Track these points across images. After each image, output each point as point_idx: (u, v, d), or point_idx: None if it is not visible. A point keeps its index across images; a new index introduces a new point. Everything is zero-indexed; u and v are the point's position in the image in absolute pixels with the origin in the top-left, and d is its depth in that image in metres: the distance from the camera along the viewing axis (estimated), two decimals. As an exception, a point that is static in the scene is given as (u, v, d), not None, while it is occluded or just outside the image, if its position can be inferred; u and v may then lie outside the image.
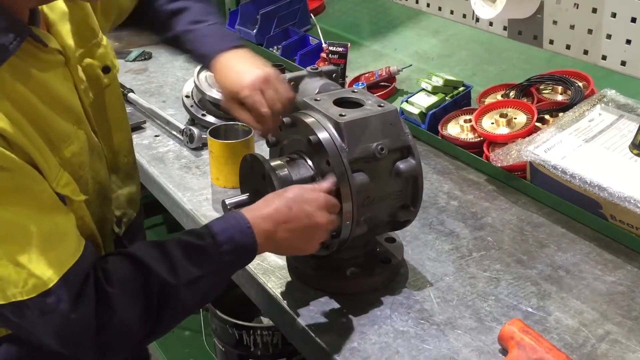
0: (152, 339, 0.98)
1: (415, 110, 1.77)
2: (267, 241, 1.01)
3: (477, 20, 2.06)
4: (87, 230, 1.03)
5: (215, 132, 1.58)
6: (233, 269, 1.02)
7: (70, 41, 1.04)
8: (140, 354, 1.37)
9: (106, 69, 1.15)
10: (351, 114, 1.11)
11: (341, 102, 1.17)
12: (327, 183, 1.08)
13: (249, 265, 1.25)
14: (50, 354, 0.92)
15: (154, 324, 0.92)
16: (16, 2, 0.89)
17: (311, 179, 1.12)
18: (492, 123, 1.63)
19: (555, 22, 1.82)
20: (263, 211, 1.02)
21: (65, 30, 1.04)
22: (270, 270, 1.27)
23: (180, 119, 1.87)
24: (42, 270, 0.84)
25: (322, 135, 1.09)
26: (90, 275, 0.88)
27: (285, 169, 1.12)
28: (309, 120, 1.12)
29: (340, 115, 1.10)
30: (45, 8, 1.01)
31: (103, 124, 1.15)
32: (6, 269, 0.83)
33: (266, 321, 2.05)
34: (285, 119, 1.15)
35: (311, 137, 1.09)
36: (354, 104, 1.16)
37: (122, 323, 0.89)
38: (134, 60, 2.39)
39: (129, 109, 1.93)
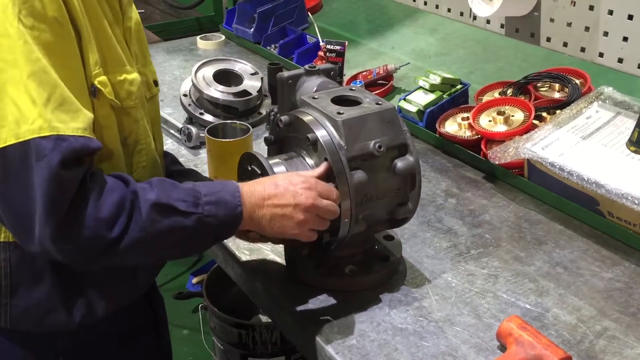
0: (115, 255, 0.95)
1: (413, 108, 1.78)
2: (251, 211, 1.03)
3: (475, 18, 2.06)
4: (116, 149, 1.06)
5: (213, 131, 1.58)
6: (212, 222, 1.00)
7: (131, 15, 1.12)
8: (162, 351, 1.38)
9: (155, 83, 1.24)
10: (349, 112, 1.11)
11: (339, 100, 1.17)
12: (321, 168, 1.08)
13: (248, 262, 1.26)
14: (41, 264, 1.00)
15: (120, 231, 0.93)
16: None
17: (309, 177, 1.13)
18: (490, 121, 1.63)
19: (552, 20, 1.82)
20: (250, 186, 1.05)
21: (131, 6, 1.14)
22: (269, 269, 1.27)
23: (178, 118, 1.87)
24: (51, 118, 0.90)
25: (320, 133, 1.10)
26: (86, 165, 0.93)
27: (283, 167, 1.12)
28: (307, 118, 1.12)
29: (338, 113, 1.11)
30: None
31: (152, 125, 1.20)
32: (25, 104, 0.89)
33: (265, 319, 2.05)
34: (284, 118, 1.16)
35: (309, 136, 1.10)
36: (352, 102, 1.17)
37: (90, 216, 0.91)
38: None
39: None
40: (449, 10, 2.16)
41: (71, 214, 0.91)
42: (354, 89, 1.22)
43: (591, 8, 1.71)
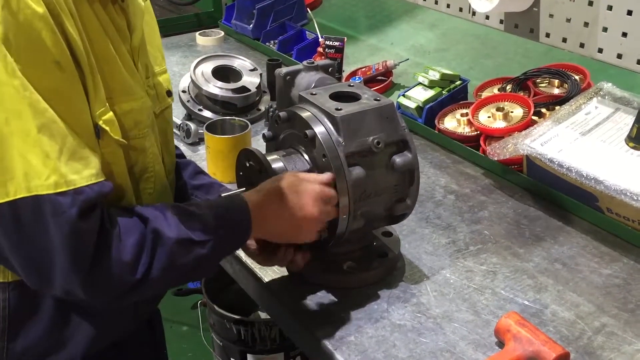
0: (140, 292, 0.96)
1: (412, 105, 1.77)
2: (258, 226, 1.04)
3: (474, 13, 2.06)
4: (121, 183, 1.03)
5: (212, 127, 1.58)
6: (225, 245, 1.03)
7: (140, 29, 1.07)
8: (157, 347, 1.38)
9: (169, 93, 1.20)
10: (347, 108, 1.11)
11: (337, 96, 1.16)
12: (326, 176, 1.08)
13: (247, 259, 1.26)
14: (47, 301, 0.98)
15: (144, 271, 0.93)
16: None
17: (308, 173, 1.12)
18: (489, 117, 1.63)
19: (551, 16, 1.82)
20: (257, 199, 1.04)
21: (138, 20, 1.07)
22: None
23: (176, 114, 1.86)
24: (66, 171, 0.86)
25: (319, 129, 1.09)
26: (98, 206, 0.91)
27: (282, 163, 1.12)
28: (305, 114, 1.12)
29: (337, 109, 1.10)
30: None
31: (160, 140, 1.16)
32: (37, 158, 0.85)
33: (264, 316, 2.05)
34: (282, 113, 1.15)
35: (307, 132, 1.09)
36: (351, 98, 1.16)
37: (116, 258, 0.90)
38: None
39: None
40: (448, 5, 2.16)
41: (96, 261, 0.89)
42: (352, 84, 1.21)
43: (590, 4, 1.71)
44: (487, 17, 2.02)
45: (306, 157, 1.14)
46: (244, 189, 1.16)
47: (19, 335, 1.01)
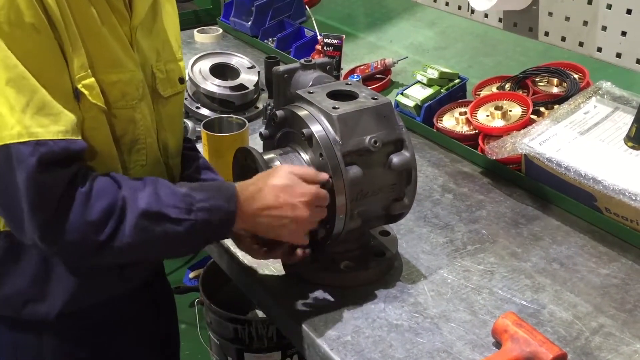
0: (103, 256, 0.98)
1: (411, 103, 1.77)
2: (247, 217, 1.03)
3: (473, 12, 2.05)
4: (105, 148, 1.05)
5: (210, 125, 1.57)
6: (205, 229, 1.01)
7: (141, 13, 1.10)
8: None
9: (181, 80, 1.22)
10: (345, 107, 1.10)
11: (335, 95, 1.16)
12: (321, 176, 1.07)
13: (244, 257, 1.26)
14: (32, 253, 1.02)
15: (109, 234, 0.95)
16: None
17: (304, 172, 1.12)
18: (488, 115, 1.63)
19: (550, 14, 1.81)
20: (251, 192, 1.04)
21: (143, 5, 1.10)
22: (264, 264, 1.26)
23: (174, 112, 1.85)
24: (30, 124, 0.91)
25: (316, 128, 1.09)
26: (73, 167, 0.94)
27: (278, 162, 1.12)
28: (302, 113, 1.11)
29: (334, 108, 1.10)
30: None
31: (166, 121, 1.19)
32: (5, 109, 0.90)
33: (261, 314, 2.05)
34: (279, 112, 1.15)
35: (304, 131, 1.09)
36: (348, 97, 1.16)
37: (79, 218, 0.93)
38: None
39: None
40: (447, 3, 2.15)
41: (58, 215, 0.93)
42: (350, 83, 1.21)
43: (590, 2, 1.70)
44: (486, 16, 2.01)
45: (303, 156, 1.13)
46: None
47: (4, 282, 1.07)
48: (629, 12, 1.62)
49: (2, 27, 0.90)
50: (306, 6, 2.50)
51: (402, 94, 1.80)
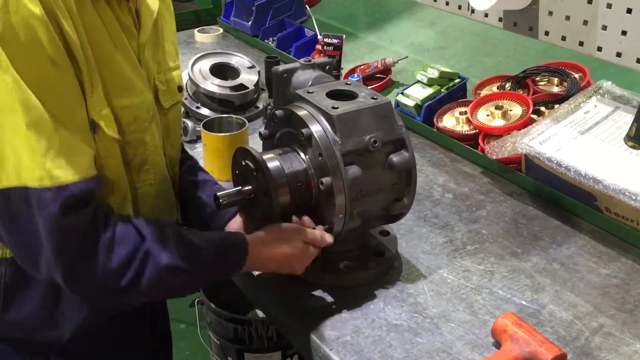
0: (121, 301, 1.00)
1: (411, 103, 1.77)
2: (251, 267, 1.14)
3: (473, 11, 2.05)
4: (117, 177, 1.05)
5: (209, 125, 1.57)
6: (212, 277, 1.09)
7: (148, 28, 1.09)
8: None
9: (180, 88, 1.22)
10: (344, 107, 1.10)
11: (334, 95, 1.16)
12: (328, 240, 1.13)
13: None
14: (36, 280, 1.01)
15: (128, 283, 0.96)
16: None
17: (304, 172, 1.12)
18: (488, 115, 1.62)
19: (550, 13, 1.81)
20: (260, 248, 1.10)
21: (149, 18, 1.09)
22: (263, 264, 1.26)
23: (174, 112, 1.85)
24: (51, 167, 0.89)
25: (315, 128, 1.09)
26: (88, 202, 0.93)
27: (278, 162, 1.11)
28: (301, 113, 1.11)
29: (333, 107, 1.10)
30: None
31: (165, 132, 1.19)
32: (26, 152, 0.89)
33: (261, 315, 2.04)
34: (278, 112, 1.15)
35: (304, 130, 1.09)
36: (347, 97, 1.15)
37: (101, 261, 0.94)
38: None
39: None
40: (447, 3, 2.15)
41: (82, 258, 0.93)
42: (349, 83, 1.21)
43: (590, 1, 1.70)
44: (486, 15, 2.01)
45: (302, 155, 1.13)
46: (240, 187, 1.15)
47: (13, 307, 1.05)
48: (629, 11, 1.62)
49: (21, 62, 0.87)
50: (306, 6, 2.49)
51: (402, 93, 1.80)
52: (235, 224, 1.22)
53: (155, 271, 0.97)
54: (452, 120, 1.71)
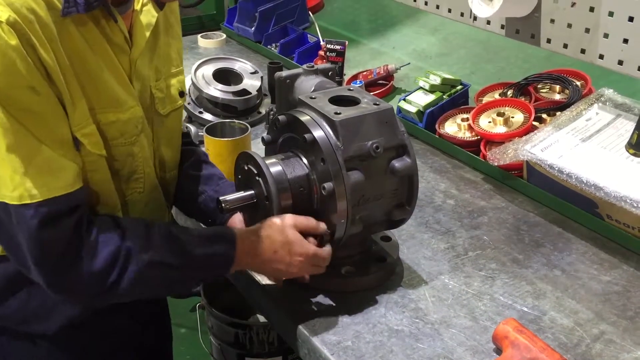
0: (107, 300, 1.04)
1: (413, 109, 1.77)
2: (241, 265, 1.11)
3: (475, 18, 2.06)
4: (104, 188, 1.07)
5: (212, 130, 1.58)
6: (199, 274, 1.10)
7: (141, 43, 1.10)
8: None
9: (182, 94, 1.24)
10: (346, 112, 1.11)
11: (337, 100, 1.16)
12: (322, 228, 1.11)
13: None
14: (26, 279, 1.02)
15: (112, 282, 0.99)
16: None
17: (306, 177, 1.12)
18: (490, 122, 1.63)
19: (552, 21, 1.81)
20: (249, 245, 1.09)
21: (143, 34, 1.10)
22: (265, 269, 1.26)
23: (177, 117, 1.86)
24: (31, 185, 0.93)
25: (317, 133, 1.09)
26: (69, 214, 0.96)
27: (280, 167, 1.12)
28: (304, 118, 1.12)
29: (336, 113, 1.10)
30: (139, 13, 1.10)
31: (164, 137, 1.20)
32: (6, 171, 0.92)
33: (262, 319, 2.05)
34: (281, 117, 1.15)
35: (306, 136, 1.09)
36: (350, 102, 1.16)
37: (83, 267, 0.97)
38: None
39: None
40: (449, 10, 2.16)
41: (63, 267, 0.96)
42: (352, 89, 1.21)
43: (592, 9, 1.71)
44: (489, 22, 2.02)
45: (305, 161, 1.13)
46: (242, 192, 1.16)
47: (2, 302, 1.09)
48: (630, 19, 1.63)
49: (1, 91, 0.89)
50: (309, 12, 2.51)
51: (404, 100, 1.81)
52: (239, 220, 1.23)
53: (138, 268, 0.99)
54: (454, 127, 1.72)
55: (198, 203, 1.27)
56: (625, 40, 1.65)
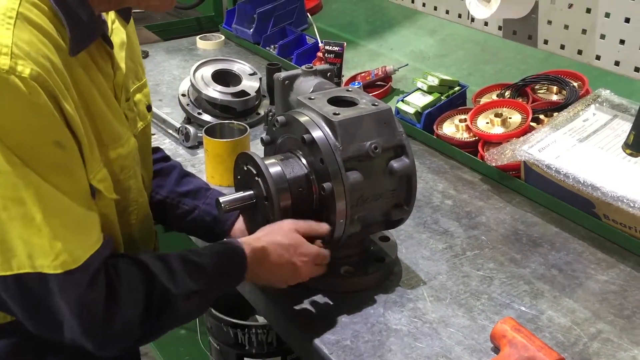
0: (147, 341, 1.03)
1: (411, 110, 1.78)
2: (252, 275, 1.11)
3: (472, 20, 2.06)
4: (111, 228, 1.05)
5: (211, 131, 1.58)
6: (217, 291, 1.10)
7: (122, 65, 1.08)
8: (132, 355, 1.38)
9: (149, 108, 1.20)
10: (345, 113, 1.11)
11: (336, 101, 1.17)
12: (324, 228, 1.12)
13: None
14: (42, 344, 0.97)
15: (151, 326, 0.98)
16: (94, 2, 0.95)
17: (305, 178, 1.13)
18: (487, 123, 1.64)
19: (549, 22, 1.82)
20: (257, 253, 1.10)
21: (120, 56, 1.08)
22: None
23: (176, 118, 1.87)
24: (71, 249, 0.88)
25: (316, 133, 1.10)
26: (102, 268, 0.93)
27: (279, 167, 1.13)
28: (303, 119, 1.12)
29: (334, 114, 1.11)
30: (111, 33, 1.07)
31: (140, 158, 1.17)
32: (42, 239, 0.85)
33: (261, 320, 2.05)
34: (280, 118, 1.16)
35: (305, 136, 1.10)
36: (348, 103, 1.17)
37: (125, 318, 0.94)
38: (131, 58, 2.38)
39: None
40: (447, 12, 2.16)
41: (106, 322, 0.93)
42: (350, 90, 1.22)
43: (588, 11, 1.71)
44: (486, 24, 2.03)
45: (304, 161, 1.14)
46: (242, 193, 1.16)
47: None
48: (627, 20, 1.64)
49: (28, 151, 0.83)
50: (308, 14, 2.51)
51: (402, 100, 1.81)
52: (239, 230, 1.23)
53: (174, 309, 0.99)
54: (452, 128, 1.72)
55: (193, 219, 1.27)
56: (622, 41, 1.66)
